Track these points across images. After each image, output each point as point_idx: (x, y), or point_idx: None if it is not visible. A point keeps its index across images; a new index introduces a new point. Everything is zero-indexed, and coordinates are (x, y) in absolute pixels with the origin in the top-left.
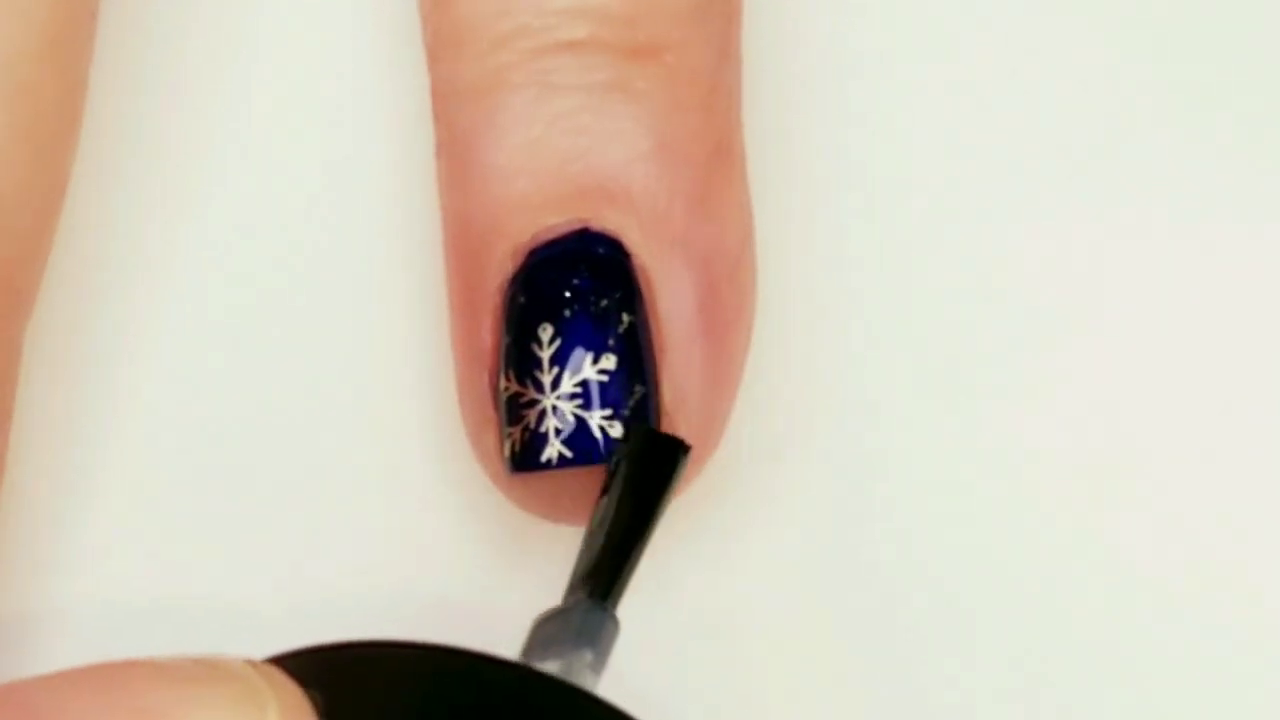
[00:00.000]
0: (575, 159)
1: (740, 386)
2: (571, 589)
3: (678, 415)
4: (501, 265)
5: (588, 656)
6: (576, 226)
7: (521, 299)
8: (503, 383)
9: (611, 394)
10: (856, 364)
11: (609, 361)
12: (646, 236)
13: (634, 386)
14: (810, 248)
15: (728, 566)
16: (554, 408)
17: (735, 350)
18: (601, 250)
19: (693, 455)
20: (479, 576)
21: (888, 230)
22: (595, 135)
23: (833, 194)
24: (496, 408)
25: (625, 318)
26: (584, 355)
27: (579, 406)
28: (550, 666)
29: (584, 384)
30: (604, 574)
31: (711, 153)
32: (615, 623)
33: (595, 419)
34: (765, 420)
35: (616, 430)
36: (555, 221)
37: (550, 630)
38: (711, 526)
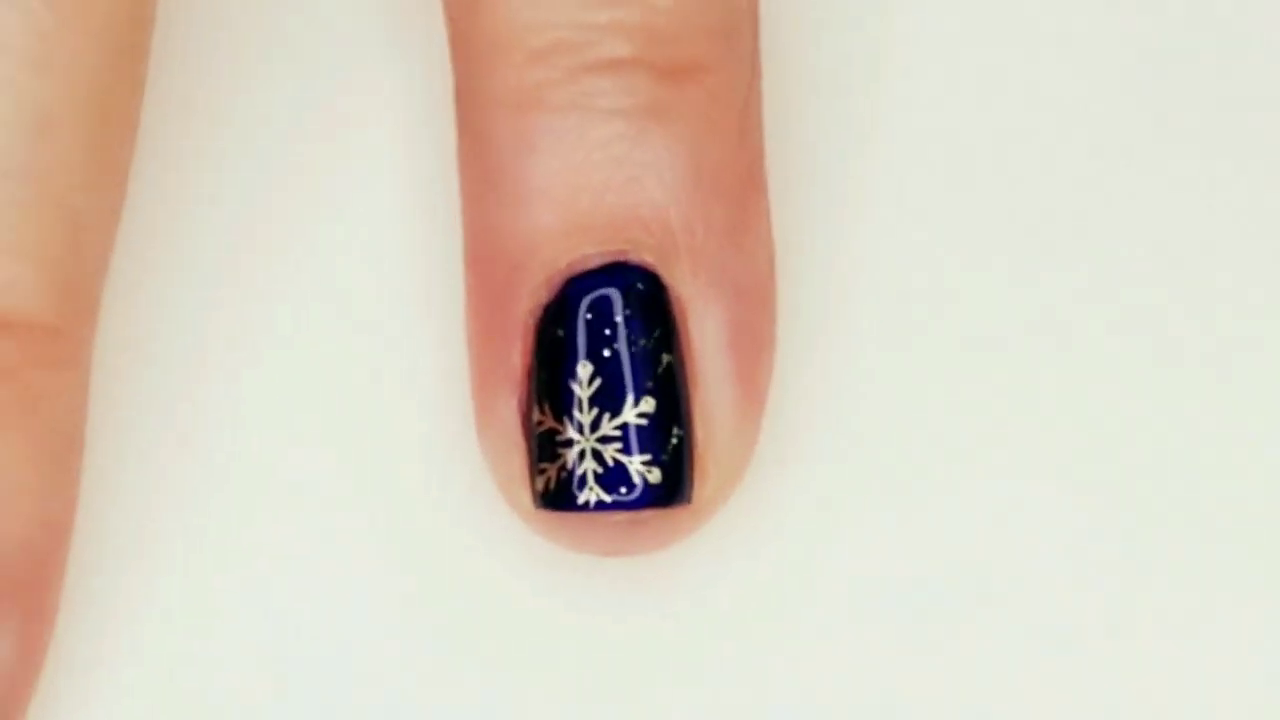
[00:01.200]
0: (614, 189)
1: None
2: None
3: (708, 452)
4: (535, 292)
5: None
6: (613, 258)
7: (560, 332)
8: (536, 415)
9: (650, 438)
10: (857, 368)
11: (648, 405)
12: (684, 269)
13: (671, 429)
14: (810, 251)
15: (724, 566)
16: (594, 451)
17: (762, 380)
18: (640, 285)
19: (719, 489)
20: (483, 584)
21: (887, 233)
22: (634, 165)
23: (831, 197)
24: (527, 436)
25: (664, 358)
26: (625, 397)
27: (619, 450)
28: None
29: (624, 427)
30: None
31: (744, 180)
32: None
33: (635, 464)
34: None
35: (655, 476)
36: (591, 251)
37: None
38: (709, 527)
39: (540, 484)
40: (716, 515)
